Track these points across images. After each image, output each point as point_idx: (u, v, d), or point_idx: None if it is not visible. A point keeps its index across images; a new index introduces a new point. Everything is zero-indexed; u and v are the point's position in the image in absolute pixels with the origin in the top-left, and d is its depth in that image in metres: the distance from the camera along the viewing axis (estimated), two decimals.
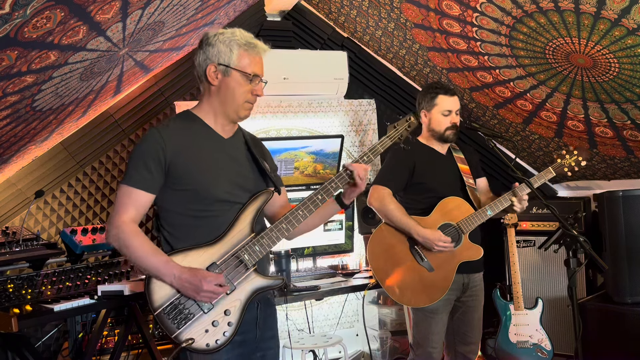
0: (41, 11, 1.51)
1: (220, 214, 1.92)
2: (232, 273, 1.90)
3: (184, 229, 1.92)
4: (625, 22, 2.41)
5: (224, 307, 1.89)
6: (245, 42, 1.94)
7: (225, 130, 2.01)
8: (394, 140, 2.08)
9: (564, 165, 2.87)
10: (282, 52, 3.99)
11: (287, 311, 3.83)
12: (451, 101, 2.92)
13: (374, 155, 2.04)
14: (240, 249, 1.92)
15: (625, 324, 3.32)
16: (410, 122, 2.09)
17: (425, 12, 3.18)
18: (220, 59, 1.92)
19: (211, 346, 1.86)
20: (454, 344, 2.97)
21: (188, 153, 1.91)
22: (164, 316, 1.85)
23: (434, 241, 2.74)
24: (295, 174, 3.95)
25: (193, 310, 1.86)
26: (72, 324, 3.25)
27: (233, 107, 1.95)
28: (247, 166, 2.03)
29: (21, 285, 2.62)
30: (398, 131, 2.08)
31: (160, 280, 1.85)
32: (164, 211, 1.95)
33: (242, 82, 1.93)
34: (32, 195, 3.44)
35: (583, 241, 2.51)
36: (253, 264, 1.93)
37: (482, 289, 2.96)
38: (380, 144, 2.06)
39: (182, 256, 1.88)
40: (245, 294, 1.92)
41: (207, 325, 1.87)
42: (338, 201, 2.07)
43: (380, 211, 2.88)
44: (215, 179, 1.93)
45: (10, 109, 2.11)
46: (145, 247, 1.86)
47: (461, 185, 2.92)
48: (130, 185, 1.88)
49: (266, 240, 1.94)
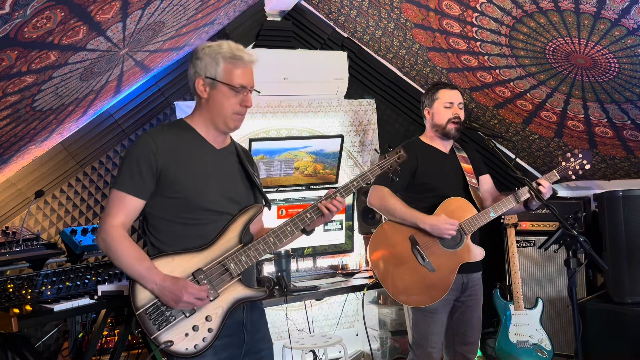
0: (41, 11, 1.51)
1: (208, 222, 1.94)
2: (216, 280, 1.92)
3: (171, 236, 1.93)
4: (625, 22, 2.41)
5: (206, 313, 1.90)
6: (231, 54, 1.95)
7: (217, 141, 2.03)
8: (384, 170, 2.18)
9: (569, 169, 2.87)
10: (282, 52, 3.99)
11: (287, 311, 3.83)
12: (452, 94, 2.92)
13: (363, 182, 2.13)
14: (227, 257, 1.94)
15: (625, 324, 3.32)
16: (400, 154, 2.20)
17: (425, 12, 3.18)
18: (208, 72, 1.95)
19: (189, 350, 1.87)
20: (453, 344, 2.97)
21: (180, 160, 1.93)
22: (145, 316, 1.86)
23: (443, 225, 2.73)
24: (295, 174, 3.95)
25: (174, 313, 1.88)
26: (72, 324, 3.25)
27: (221, 119, 1.97)
28: (238, 178, 2.06)
29: (21, 285, 2.62)
30: (388, 161, 2.18)
31: (142, 285, 1.87)
32: (152, 217, 1.96)
33: (229, 95, 1.95)
34: (32, 195, 3.44)
35: (583, 241, 2.52)
36: (238, 274, 1.95)
37: (481, 289, 2.96)
38: (371, 171, 2.16)
39: (170, 259, 1.90)
40: (228, 302, 1.94)
41: (188, 329, 1.88)
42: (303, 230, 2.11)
43: (382, 208, 2.88)
44: (205, 188, 1.94)
45: (10, 109, 2.11)
46: (129, 253, 1.87)
47: (464, 185, 2.92)
48: (121, 190, 1.89)
49: (253, 252, 1.97)
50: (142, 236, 2.04)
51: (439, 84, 2.98)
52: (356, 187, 2.10)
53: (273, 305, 3.22)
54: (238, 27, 3.84)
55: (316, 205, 2.04)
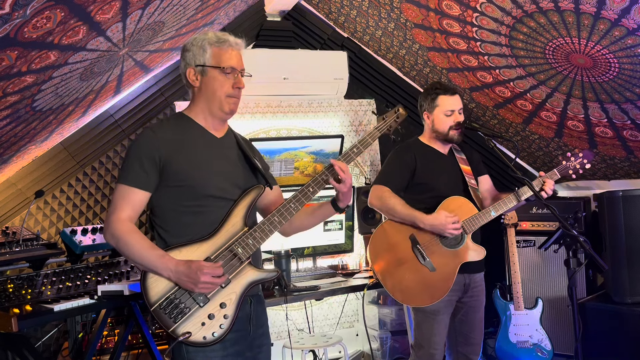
0: (41, 11, 1.51)
1: (214, 209, 1.95)
2: (226, 267, 1.92)
3: (177, 225, 1.95)
4: (625, 22, 2.41)
5: (220, 300, 1.91)
6: (217, 39, 1.99)
7: (216, 129, 2.06)
8: (383, 132, 2.15)
9: (569, 168, 2.87)
10: (282, 52, 3.99)
11: (287, 311, 3.83)
12: (452, 100, 2.91)
13: (363, 147, 2.11)
14: (234, 242, 1.94)
15: (625, 324, 3.32)
16: (399, 113, 2.16)
17: (425, 12, 3.18)
18: (197, 61, 1.99)
19: (208, 339, 1.87)
20: (456, 345, 2.96)
21: (182, 151, 1.95)
22: (160, 311, 1.86)
23: (443, 223, 2.72)
24: (295, 174, 3.95)
25: (189, 304, 1.88)
26: (72, 324, 3.25)
27: (216, 104, 2.00)
28: (239, 164, 2.07)
29: (21, 285, 2.62)
30: (386, 123, 2.16)
31: (157, 274, 1.87)
32: (158, 208, 1.97)
33: (220, 78, 1.98)
34: (32, 195, 3.44)
35: (583, 241, 2.52)
36: (247, 257, 1.95)
37: (484, 290, 2.96)
38: (370, 135, 2.13)
39: (177, 252, 1.90)
40: (241, 286, 1.94)
41: (204, 319, 1.88)
42: (334, 205, 2.11)
43: (382, 208, 2.88)
44: (209, 176, 1.96)
45: (10, 109, 2.11)
46: (141, 244, 1.88)
47: (463, 186, 2.92)
48: (126, 183, 1.91)
49: (259, 233, 1.98)
50: (149, 230, 2.04)
51: (438, 88, 2.94)
52: (356, 155, 2.08)
53: (273, 305, 3.21)
54: (238, 27, 3.84)
55: (316, 177, 2.04)
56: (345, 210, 2.13)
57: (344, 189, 2.04)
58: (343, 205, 2.10)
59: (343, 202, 2.09)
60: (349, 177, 2.04)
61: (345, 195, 2.07)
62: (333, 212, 2.13)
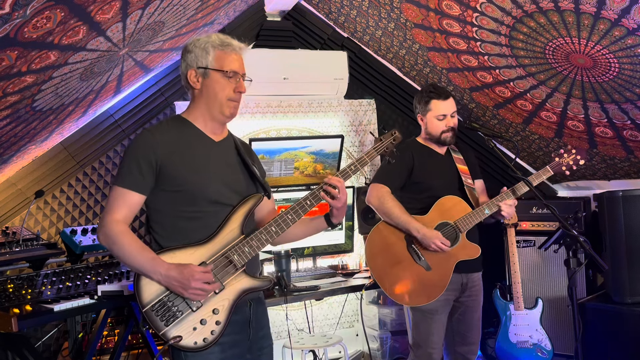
0: (41, 11, 1.51)
1: (211, 215, 1.95)
2: (221, 273, 1.92)
3: (174, 230, 1.94)
4: (625, 22, 2.41)
5: (213, 306, 1.90)
6: (220, 42, 1.98)
7: (215, 133, 2.05)
8: (380, 153, 2.17)
9: (562, 164, 2.87)
10: (282, 52, 3.99)
11: (287, 311, 3.83)
12: (445, 105, 2.93)
13: (361, 165, 2.12)
14: (230, 249, 1.94)
15: (625, 324, 3.32)
16: (395, 136, 2.20)
17: (425, 12, 3.18)
18: (199, 63, 1.98)
19: (199, 344, 1.87)
20: (454, 345, 2.97)
21: (180, 154, 1.94)
22: (152, 313, 1.86)
23: (431, 239, 2.74)
24: (295, 174, 3.95)
25: (182, 308, 1.88)
26: (72, 324, 3.25)
27: (217, 107, 1.99)
28: (238, 169, 2.06)
29: (21, 285, 2.62)
30: (384, 144, 2.18)
31: (148, 278, 1.86)
32: (154, 212, 1.96)
33: (222, 81, 1.97)
34: (32, 195, 3.44)
35: (583, 241, 2.52)
36: (242, 265, 1.95)
37: (481, 289, 2.96)
38: (367, 155, 2.15)
39: (171, 254, 1.89)
40: (234, 294, 1.94)
41: (195, 324, 1.88)
42: (327, 220, 2.12)
43: (379, 209, 2.88)
44: (207, 180, 1.95)
45: (10, 109, 2.11)
46: (132, 246, 1.87)
47: (459, 185, 2.93)
48: (121, 186, 1.90)
49: (255, 242, 1.97)
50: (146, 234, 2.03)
51: (431, 91, 2.96)
52: (354, 172, 2.09)
53: (273, 305, 3.21)
54: (238, 27, 3.84)
55: (314, 191, 2.04)
56: (336, 226, 2.14)
57: (338, 204, 2.04)
58: (336, 222, 2.10)
59: (336, 218, 2.10)
60: (344, 194, 2.04)
61: (339, 210, 2.07)
62: (325, 226, 2.13)
